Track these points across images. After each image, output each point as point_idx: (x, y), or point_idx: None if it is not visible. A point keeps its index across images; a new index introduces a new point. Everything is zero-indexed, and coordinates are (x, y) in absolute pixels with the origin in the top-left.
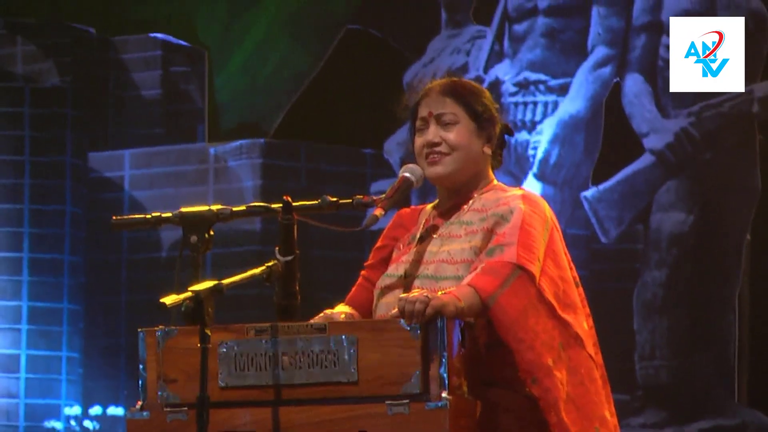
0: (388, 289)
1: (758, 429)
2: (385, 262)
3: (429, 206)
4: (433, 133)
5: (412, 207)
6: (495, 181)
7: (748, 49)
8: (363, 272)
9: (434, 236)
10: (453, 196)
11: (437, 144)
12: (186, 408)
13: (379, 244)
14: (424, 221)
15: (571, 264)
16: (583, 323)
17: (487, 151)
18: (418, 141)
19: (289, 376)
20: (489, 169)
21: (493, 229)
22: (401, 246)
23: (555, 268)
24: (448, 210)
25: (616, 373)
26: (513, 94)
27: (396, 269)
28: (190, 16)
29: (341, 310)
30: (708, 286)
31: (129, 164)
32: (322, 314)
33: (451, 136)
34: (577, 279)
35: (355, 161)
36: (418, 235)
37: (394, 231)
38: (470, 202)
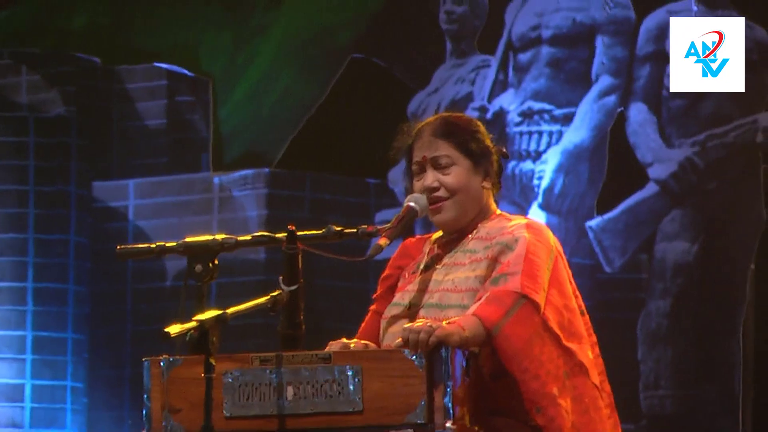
0: (394, 319)
1: None
2: (392, 291)
3: (434, 236)
4: (430, 178)
5: (418, 236)
6: (498, 211)
7: (751, 79)
8: (372, 306)
9: (438, 266)
10: (457, 230)
11: (436, 189)
12: None
13: (385, 274)
14: (429, 250)
15: (577, 292)
16: (588, 352)
17: (487, 185)
18: (417, 185)
19: (294, 406)
20: (491, 200)
21: (497, 257)
22: (407, 275)
23: (559, 297)
24: (452, 239)
25: (620, 403)
26: (518, 124)
27: (401, 298)
28: (195, 46)
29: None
30: (712, 315)
31: (133, 194)
32: (335, 342)
33: (449, 179)
34: (583, 307)
35: (359, 191)
36: (422, 265)
37: (399, 260)
38: (474, 231)
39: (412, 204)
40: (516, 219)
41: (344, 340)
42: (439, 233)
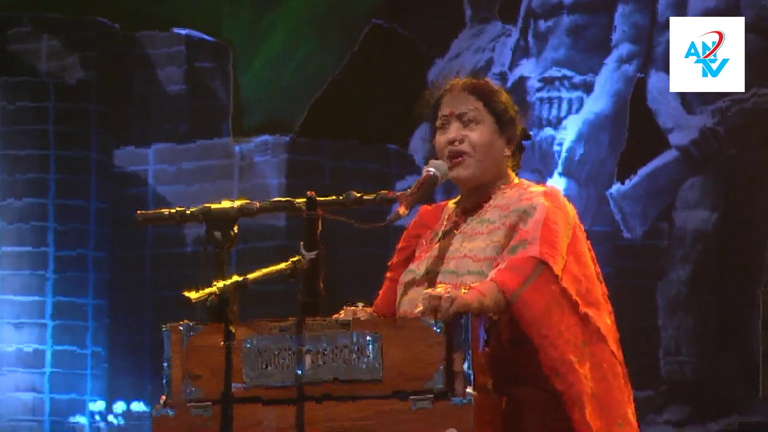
0: (410, 285)
1: None
2: (408, 260)
3: (451, 203)
4: (455, 131)
5: (434, 204)
6: (516, 179)
7: (764, 48)
8: (388, 273)
9: (456, 233)
10: (475, 194)
11: (459, 142)
12: (210, 404)
13: (401, 243)
14: (446, 218)
15: (595, 261)
16: (605, 319)
17: (507, 151)
18: (440, 138)
19: (313, 373)
20: (510, 168)
21: (515, 225)
22: (424, 243)
23: (577, 265)
24: (470, 207)
25: (640, 369)
26: (538, 90)
27: (418, 266)
28: (215, 13)
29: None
30: (732, 283)
31: (153, 160)
32: (344, 309)
33: (474, 135)
34: (600, 275)
35: (379, 158)
36: (440, 233)
37: (416, 229)
38: (492, 199)
39: (432, 170)
40: (534, 187)
41: (351, 307)
42: (457, 199)
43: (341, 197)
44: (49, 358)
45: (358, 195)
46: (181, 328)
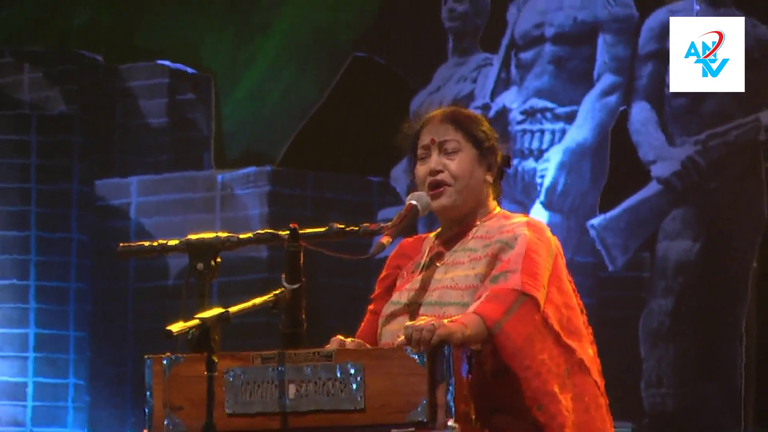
0: (392, 316)
1: None
2: (390, 291)
3: (432, 234)
4: (435, 161)
5: (415, 236)
6: (498, 209)
7: (754, 78)
8: (369, 306)
9: (438, 264)
10: (456, 224)
11: (440, 172)
12: None
13: (382, 274)
14: (428, 249)
15: (576, 291)
16: (588, 349)
17: (489, 179)
18: (421, 169)
19: (296, 404)
20: (491, 197)
21: (497, 255)
22: (405, 274)
23: (559, 295)
24: (451, 238)
25: (622, 401)
26: (520, 122)
27: (400, 297)
28: (197, 44)
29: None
30: (714, 314)
31: (136, 192)
32: (333, 339)
33: (454, 164)
34: (581, 305)
35: (361, 189)
36: (422, 263)
37: (397, 260)
38: (474, 229)
39: (414, 202)
40: (516, 217)
41: (340, 337)
42: (438, 231)
43: (324, 229)
44: (31, 391)
45: (341, 227)
46: (164, 360)
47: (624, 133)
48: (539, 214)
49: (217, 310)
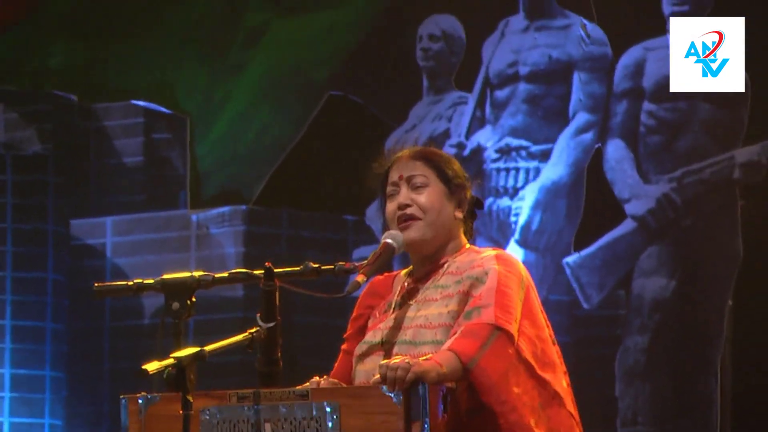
0: (365, 356)
1: None
2: (362, 331)
3: (403, 272)
4: (404, 195)
5: (386, 274)
6: (467, 245)
7: (728, 116)
8: (343, 346)
9: (411, 302)
10: (427, 261)
11: (408, 206)
12: None
13: (354, 314)
14: (399, 288)
15: (548, 322)
16: (562, 381)
17: (459, 215)
18: (390, 206)
19: None
20: (461, 233)
21: (469, 291)
22: (377, 314)
23: (532, 328)
24: (423, 275)
25: None
26: (495, 160)
27: (373, 336)
28: (172, 83)
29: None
30: (690, 351)
31: (111, 231)
32: (312, 380)
33: (422, 198)
34: (553, 337)
35: (336, 228)
36: (394, 302)
37: (368, 299)
38: (445, 266)
39: (389, 241)
40: (485, 251)
41: (316, 378)
42: (409, 269)
43: (299, 268)
44: (6, 431)
45: (316, 266)
46: (139, 399)
47: (599, 171)
48: (514, 251)
49: (192, 349)
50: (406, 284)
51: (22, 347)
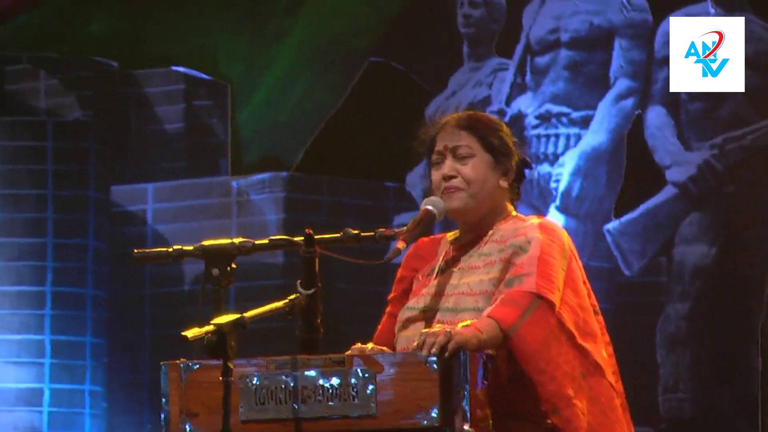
0: (408, 322)
1: None
2: (406, 293)
3: (449, 236)
4: (448, 166)
5: (431, 237)
6: (514, 212)
7: (762, 84)
8: (387, 308)
9: (453, 269)
10: (472, 229)
11: (453, 177)
12: None
13: (399, 275)
14: (443, 253)
15: (590, 292)
16: (602, 351)
17: (504, 184)
18: (435, 175)
19: (309, 410)
20: (507, 201)
21: (511, 259)
22: (420, 277)
23: (574, 297)
24: (467, 242)
25: (639, 406)
26: (535, 127)
27: (416, 302)
28: (213, 50)
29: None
30: (731, 319)
31: (152, 198)
32: (354, 347)
33: (467, 169)
34: (597, 307)
35: (377, 194)
36: (437, 268)
37: (413, 262)
38: (489, 233)
39: (429, 207)
40: (529, 219)
41: (359, 345)
42: (456, 233)
43: (339, 234)
44: (47, 397)
45: (356, 232)
46: (180, 366)
47: (640, 137)
48: (555, 218)
49: (232, 316)
50: (450, 250)
51: (63, 314)
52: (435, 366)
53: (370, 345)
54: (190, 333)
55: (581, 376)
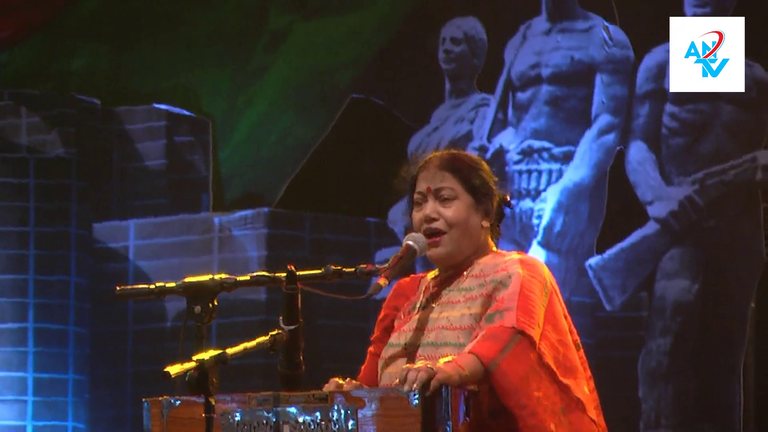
0: (391, 359)
1: None
2: (388, 332)
3: (429, 275)
4: (431, 208)
5: (412, 276)
6: (494, 248)
7: (750, 117)
8: (370, 348)
9: (434, 304)
10: (453, 266)
11: (435, 219)
12: None
13: (381, 315)
14: (424, 289)
15: (572, 327)
16: (584, 387)
17: (485, 224)
18: (416, 215)
19: None
20: (488, 239)
21: (492, 294)
22: (402, 315)
23: (554, 333)
24: (447, 278)
25: None
26: (517, 162)
27: (398, 338)
28: (195, 87)
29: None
30: (713, 353)
31: (134, 234)
32: (331, 381)
33: (449, 212)
34: (578, 341)
35: (359, 230)
36: (418, 304)
37: (394, 301)
38: (469, 268)
39: (411, 243)
40: (510, 255)
41: (338, 380)
42: (435, 272)
43: (321, 270)
44: None
45: (338, 268)
46: (162, 402)
47: (621, 172)
48: (537, 253)
49: (214, 352)
50: (430, 286)
51: (45, 350)
52: (416, 401)
53: (347, 380)
54: (173, 369)
55: (561, 412)
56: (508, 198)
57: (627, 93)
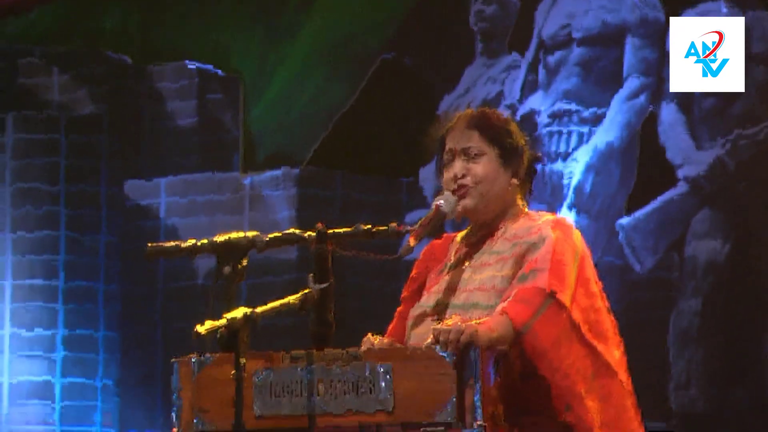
0: (419, 319)
1: None
2: (418, 292)
3: (460, 235)
4: (458, 166)
5: (444, 236)
6: (526, 209)
7: None
8: (399, 308)
9: (465, 265)
10: (483, 226)
11: (463, 177)
12: None
13: (412, 275)
14: (455, 251)
15: (603, 293)
16: (614, 352)
17: (515, 182)
18: (446, 175)
19: (324, 404)
20: (518, 198)
21: (524, 255)
22: (433, 276)
23: (585, 297)
24: (478, 239)
25: (651, 403)
26: (547, 124)
27: (427, 300)
28: (226, 45)
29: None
30: (743, 314)
31: (165, 192)
32: (365, 338)
33: (477, 168)
34: (608, 307)
35: (389, 190)
36: (449, 265)
37: (426, 262)
38: (501, 230)
39: (440, 203)
40: (543, 217)
41: (370, 335)
42: (466, 231)
43: (351, 230)
44: (59, 391)
45: (368, 227)
46: (191, 361)
47: (652, 134)
48: (567, 215)
49: (244, 311)
50: (461, 247)
51: (76, 308)
52: (451, 361)
53: (377, 338)
54: (203, 328)
55: (592, 376)
56: (538, 156)
57: (658, 55)
